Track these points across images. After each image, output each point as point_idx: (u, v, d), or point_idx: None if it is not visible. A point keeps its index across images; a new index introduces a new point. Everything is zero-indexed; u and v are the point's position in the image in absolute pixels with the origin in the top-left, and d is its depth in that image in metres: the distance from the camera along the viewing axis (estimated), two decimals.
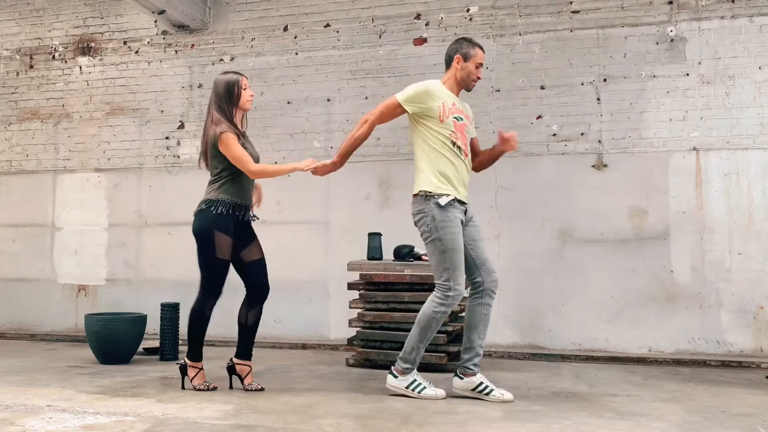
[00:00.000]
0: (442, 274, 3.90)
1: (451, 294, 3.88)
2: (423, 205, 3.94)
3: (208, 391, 4.17)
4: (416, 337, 3.97)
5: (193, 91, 6.95)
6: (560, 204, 5.92)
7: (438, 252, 3.90)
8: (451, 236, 3.88)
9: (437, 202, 3.89)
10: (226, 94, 4.24)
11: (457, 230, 3.91)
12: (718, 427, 3.42)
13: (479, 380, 3.98)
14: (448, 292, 3.88)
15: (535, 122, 6.04)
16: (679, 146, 5.74)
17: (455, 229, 3.90)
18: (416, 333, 3.97)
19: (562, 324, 5.83)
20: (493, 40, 6.18)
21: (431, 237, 3.91)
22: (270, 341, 6.23)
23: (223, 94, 4.24)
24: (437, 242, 3.89)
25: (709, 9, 5.76)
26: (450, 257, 3.88)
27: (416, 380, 3.98)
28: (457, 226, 3.91)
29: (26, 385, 4.42)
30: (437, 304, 3.91)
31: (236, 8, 6.89)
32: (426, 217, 3.91)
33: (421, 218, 3.95)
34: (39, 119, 7.42)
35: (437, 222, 3.88)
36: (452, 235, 3.89)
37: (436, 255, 3.92)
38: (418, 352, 3.99)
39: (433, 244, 3.91)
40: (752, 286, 5.52)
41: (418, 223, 3.99)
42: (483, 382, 3.97)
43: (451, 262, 3.88)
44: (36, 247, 7.27)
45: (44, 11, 7.48)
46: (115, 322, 5.35)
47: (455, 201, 3.94)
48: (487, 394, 3.94)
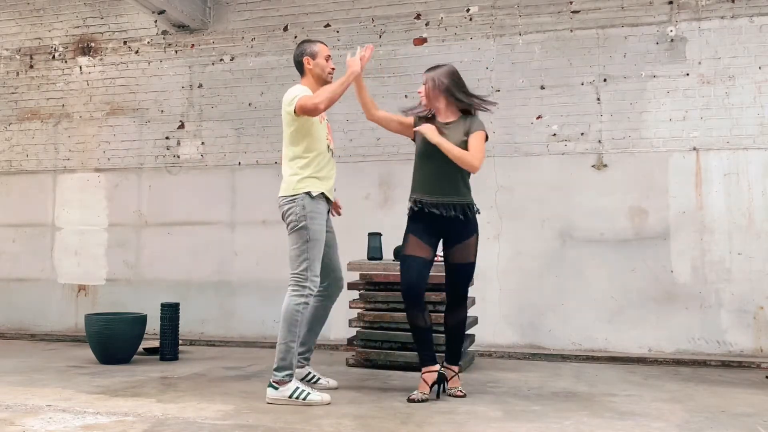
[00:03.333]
0: (300, 263, 3.91)
1: (308, 284, 3.90)
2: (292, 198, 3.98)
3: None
4: (286, 338, 3.87)
5: (193, 91, 6.95)
6: (560, 204, 5.92)
7: (302, 241, 3.92)
8: (317, 227, 3.95)
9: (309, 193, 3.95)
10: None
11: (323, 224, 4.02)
12: (718, 427, 3.42)
13: (308, 371, 4.26)
14: (305, 282, 3.90)
15: (535, 122, 6.04)
16: (679, 146, 5.74)
17: (322, 221, 4.00)
18: (284, 334, 3.87)
19: (562, 324, 5.83)
20: (493, 40, 6.18)
21: (298, 226, 3.93)
22: (270, 341, 6.23)
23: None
24: (303, 231, 3.92)
25: (709, 9, 5.76)
26: (312, 247, 3.92)
27: (298, 387, 3.85)
28: (323, 220, 4.02)
29: (26, 385, 4.42)
30: (295, 296, 3.89)
31: (236, 8, 6.89)
32: (296, 206, 3.94)
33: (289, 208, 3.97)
34: (39, 119, 7.42)
35: (306, 212, 3.92)
36: (319, 227, 3.96)
37: (298, 244, 3.93)
38: (292, 354, 3.87)
39: (298, 233, 3.93)
40: (752, 286, 5.52)
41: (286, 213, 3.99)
42: (311, 372, 4.27)
43: (311, 252, 3.92)
44: (36, 247, 7.27)
45: (44, 11, 7.48)
46: (115, 322, 5.35)
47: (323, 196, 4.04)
48: (315, 383, 4.22)
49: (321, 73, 4.13)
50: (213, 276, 6.70)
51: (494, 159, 6.07)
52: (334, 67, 4.21)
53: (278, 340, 3.89)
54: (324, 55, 4.15)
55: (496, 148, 6.08)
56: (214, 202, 6.77)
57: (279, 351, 3.87)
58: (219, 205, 6.76)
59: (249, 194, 6.68)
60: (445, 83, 4.07)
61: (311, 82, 4.14)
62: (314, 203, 3.96)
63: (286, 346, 3.86)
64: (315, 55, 4.13)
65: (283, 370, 3.85)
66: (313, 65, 4.13)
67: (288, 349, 3.86)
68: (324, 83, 4.14)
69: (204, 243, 6.76)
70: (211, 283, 6.69)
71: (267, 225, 6.57)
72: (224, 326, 6.61)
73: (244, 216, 6.68)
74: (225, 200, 6.75)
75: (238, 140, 6.77)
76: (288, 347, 3.85)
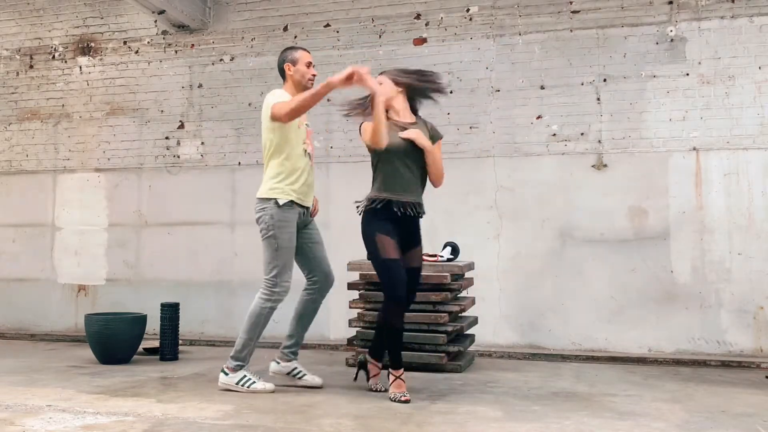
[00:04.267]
0: (271, 270, 4.12)
1: (277, 290, 4.13)
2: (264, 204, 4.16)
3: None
4: (247, 333, 4.16)
5: (193, 91, 6.95)
6: (560, 204, 5.92)
7: (272, 249, 4.10)
8: (286, 236, 4.11)
9: (276, 201, 4.11)
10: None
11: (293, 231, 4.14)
12: (718, 427, 3.42)
13: (293, 365, 4.35)
14: (274, 288, 4.13)
15: (535, 122, 6.04)
16: (679, 146, 5.74)
17: (291, 229, 4.12)
18: (246, 329, 4.16)
19: (562, 324, 5.82)
20: (493, 40, 6.18)
21: (267, 234, 4.11)
22: (270, 341, 6.22)
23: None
24: (272, 240, 4.10)
25: (709, 9, 5.76)
26: (281, 255, 4.10)
27: (246, 375, 4.16)
28: (292, 227, 4.14)
29: (26, 385, 4.42)
30: (264, 299, 4.15)
31: (236, 8, 6.89)
32: (264, 215, 4.12)
33: (259, 215, 4.16)
34: (39, 119, 7.42)
35: (274, 221, 4.09)
36: (287, 235, 4.11)
37: (269, 251, 4.12)
38: (249, 349, 4.19)
39: (267, 241, 4.12)
40: (752, 286, 5.52)
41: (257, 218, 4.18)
42: (297, 368, 4.35)
43: (281, 259, 4.10)
44: (36, 247, 7.27)
45: (44, 11, 7.48)
46: (115, 322, 5.35)
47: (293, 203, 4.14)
48: (300, 378, 4.33)
49: (300, 79, 4.27)
50: (213, 276, 6.70)
51: (494, 159, 6.08)
52: (315, 74, 4.31)
53: (240, 333, 4.19)
54: (305, 62, 4.27)
55: (496, 148, 6.08)
56: (214, 202, 6.77)
57: (238, 343, 4.19)
58: (219, 205, 6.76)
59: (249, 194, 6.63)
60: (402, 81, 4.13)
61: (291, 88, 4.27)
62: (282, 212, 4.11)
63: (245, 341, 4.17)
64: (296, 62, 4.27)
65: (236, 360, 4.18)
66: (293, 71, 4.27)
67: (246, 344, 4.17)
68: (304, 89, 4.23)
69: (204, 243, 6.76)
70: (211, 283, 6.69)
71: None
72: (224, 326, 6.61)
73: (244, 216, 6.67)
74: (225, 200, 6.75)
75: (238, 140, 6.77)
76: (246, 342, 4.17)
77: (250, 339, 4.17)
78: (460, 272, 5.01)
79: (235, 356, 4.18)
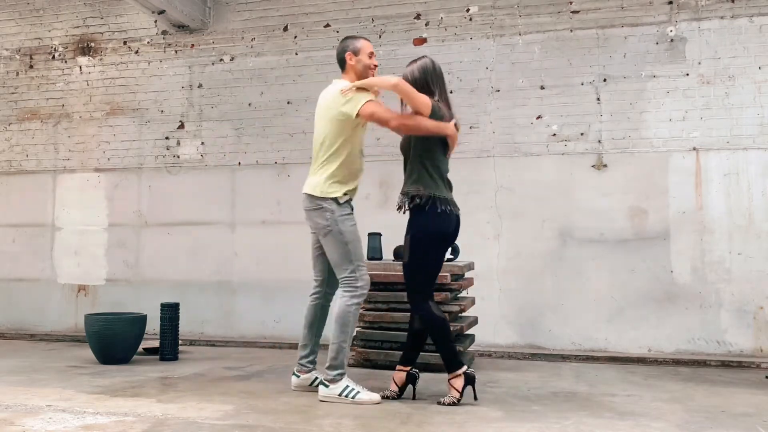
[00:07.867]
0: (347, 266, 3.96)
1: (359, 284, 3.95)
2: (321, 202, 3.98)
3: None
4: (338, 337, 3.94)
5: (193, 91, 6.95)
6: (560, 204, 5.92)
7: (341, 245, 3.95)
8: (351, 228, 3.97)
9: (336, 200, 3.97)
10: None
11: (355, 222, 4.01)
12: (718, 427, 3.42)
13: (314, 376, 4.15)
14: (356, 283, 3.95)
15: (535, 122, 6.04)
16: (679, 146, 5.74)
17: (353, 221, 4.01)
18: (337, 334, 3.94)
19: (562, 324, 5.83)
20: (493, 40, 6.18)
21: (331, 231, 3.95)
22: (270, 341, 6.24)
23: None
24: (338, 235, 3.94)
25: (709, 9, 5.76)
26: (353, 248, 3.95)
27: (348, 386, 3.91)
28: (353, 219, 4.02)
29: (26, 385, 4.41)
30: (348, 297, 3.94)
31: (236, 8, 6.89)
32: (324, 211, 3.96)
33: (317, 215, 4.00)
34: (39, 119, 7.42)
35: (336, 216, 3.94)
36: (352, 227, 3.98)
37: (339, 249, 3.96)
38: (344, 354, 3.95)
39: (333, 237, 3.95)
40: (752, 286, 5.52)
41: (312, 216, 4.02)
42: (318, 377, 4.11)
43: (354, 253, 3.95)
44: (36, 247, 7.27)
45: (44, 11, 7.48)
46: (115, 322, 5.35)
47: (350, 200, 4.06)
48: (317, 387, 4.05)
49: (363, 69, 4.08)
50: (213, 276, 6.70)
51: (494, 159, 6.08)
52: (377, 64, 4.16)
53: (331, 339, 3.95)
54: (367, 52, 4.10)
55: (496, 148, 6.08)
56: (214, 202, 6.77)
57: (331, 350, 3.94)
58: (219, 205, 6.76)
59: (249, 194, 6.69)
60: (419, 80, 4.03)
61: (352, 78, 4.10)
62: (341, 208, 3.97)
63: (339, 346, 3.93)
64: (358, 51, 4.09)
65: (334, 369, 3.92)
66: (355, 61, 4.09)
67: (340, 349, 3.93)
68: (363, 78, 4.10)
69: (204, 243, 6.76)
70: (211, 283, 6.69)
71: (267, 225, 6.58)
72: (224, 326, 6.61)
73: (244, 216, 6.68)
74: (225, 200, 6.75)
75: (238, 140, 6.77)
76: (340, 347, 3.93)
77: (344, 342, 3.93)
78: (460, 272, 5.00)
79: (332, 365, 3.92)
